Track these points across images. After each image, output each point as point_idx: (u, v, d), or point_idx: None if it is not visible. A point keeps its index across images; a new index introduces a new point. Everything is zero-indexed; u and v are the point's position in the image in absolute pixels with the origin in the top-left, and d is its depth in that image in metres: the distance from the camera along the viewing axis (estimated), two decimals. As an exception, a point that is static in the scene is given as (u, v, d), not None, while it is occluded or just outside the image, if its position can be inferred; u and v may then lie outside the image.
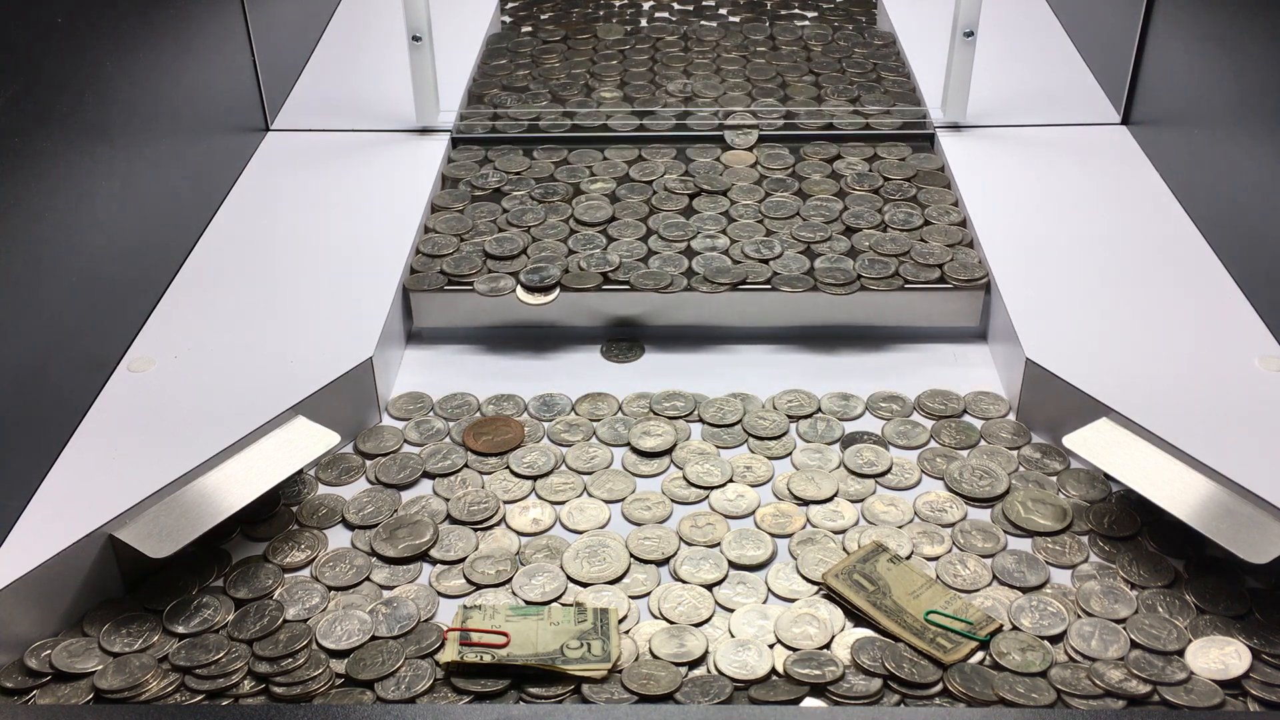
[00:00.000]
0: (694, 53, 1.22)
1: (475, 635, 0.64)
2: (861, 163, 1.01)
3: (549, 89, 1.14)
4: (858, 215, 0.94)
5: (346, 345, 0.80)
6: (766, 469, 0.76)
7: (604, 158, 1.03)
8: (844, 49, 1.22)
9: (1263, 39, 0.84)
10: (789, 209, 0.95)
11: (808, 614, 0.66)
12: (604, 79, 1.16)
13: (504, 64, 1.20)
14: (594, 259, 0.89)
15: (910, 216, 0.94)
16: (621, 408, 0.81)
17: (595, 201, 0.96)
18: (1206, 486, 0.68)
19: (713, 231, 0.92)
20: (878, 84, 1.14)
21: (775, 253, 0.90)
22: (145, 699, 0.62)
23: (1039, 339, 0.80)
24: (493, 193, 0.98)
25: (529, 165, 1.01)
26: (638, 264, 0.89)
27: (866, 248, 0.90)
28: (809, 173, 1.00)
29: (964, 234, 0.92)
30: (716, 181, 0.99)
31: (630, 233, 0.93)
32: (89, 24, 0.78)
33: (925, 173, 1.00)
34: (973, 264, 0.88)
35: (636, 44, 1.24)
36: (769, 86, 1.14)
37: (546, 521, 0.72)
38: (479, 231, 0.93)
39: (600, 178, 1.00)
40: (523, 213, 0.95)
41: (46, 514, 0.67)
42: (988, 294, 0.87)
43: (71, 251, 0.75)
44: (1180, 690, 0.61)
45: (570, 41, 1.25)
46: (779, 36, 1.25)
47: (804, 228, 0.92)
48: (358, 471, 0.76)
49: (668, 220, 0.94)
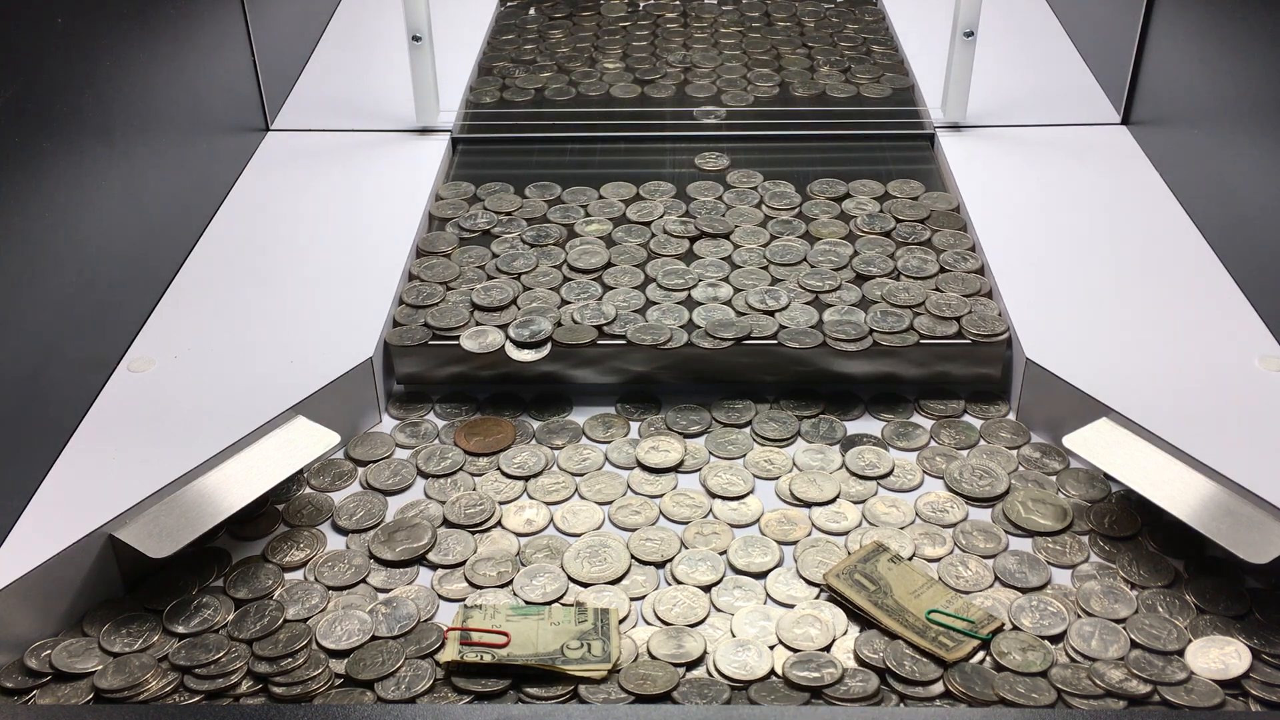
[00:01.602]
0: (693, 28, 1.28)
1: (475, 635, 0.64)
2: (872, 202, 0.96)
3: (555, 60, 1.20)
4: (869, 261, 0.88)
5: (346, 345, 0.80)
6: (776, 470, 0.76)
7: (600, 196, 0.98)
8: (836, 25, 1.29)
9: (1263, 39, 0.84)
10: (796, 254, 0.90)
11: (810, 615, 0.66)
12: (607, 52, 1.22)
13: (512, 39, 1.26)
14: (588, 310, 0.84)
15: (925, 264, 0.88)
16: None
17: (590, 245, 0.91)
18: (1206, 486, 0.68)
19: (714, 279, 0.87)
20: (867, 56, 1.20)
21: (781, 304, 0.84)
22: (145, 699, 0.62)
23: (1039, 339, 0.80)
24: (482, 234, 0.93)
25: (520, 205, 0.97)
26: (635, 316, 0.83)
27: (879, 297, 0.85)
28: (816, 213, 0.95)
29: (982, 283, 0.86)
30: (718, 224, 0.93)
31: (627, 280, 0.87)
32: (89, 24, 0.78)
33: (940, 214, 0.94)
34: (992, 317, 0.82)
35: (638, 20, 1.31)
36: (764, 58, 1.19)
37: (540, 522, 0.72)
38: (466, 279, 0.88)
39: (595, 219, 0.95)
40: (513, 258, 0.89)
41: (46, 514, 0.67)
42: (1009, 349, 0.81)
43: (71, 251, 0.75)
44: (1180, 690, 0.61)
45: (575, 18, 1.31)
46: (774, 14, 1.32)
47: (812, 275, 0.87)
48: (349, 477, 0.76)
49: (667, 267, 0.88)
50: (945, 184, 1.00)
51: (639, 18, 1.31)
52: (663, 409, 0.81)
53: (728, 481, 0.75)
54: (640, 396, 0.82)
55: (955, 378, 0.82)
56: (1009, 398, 0.82)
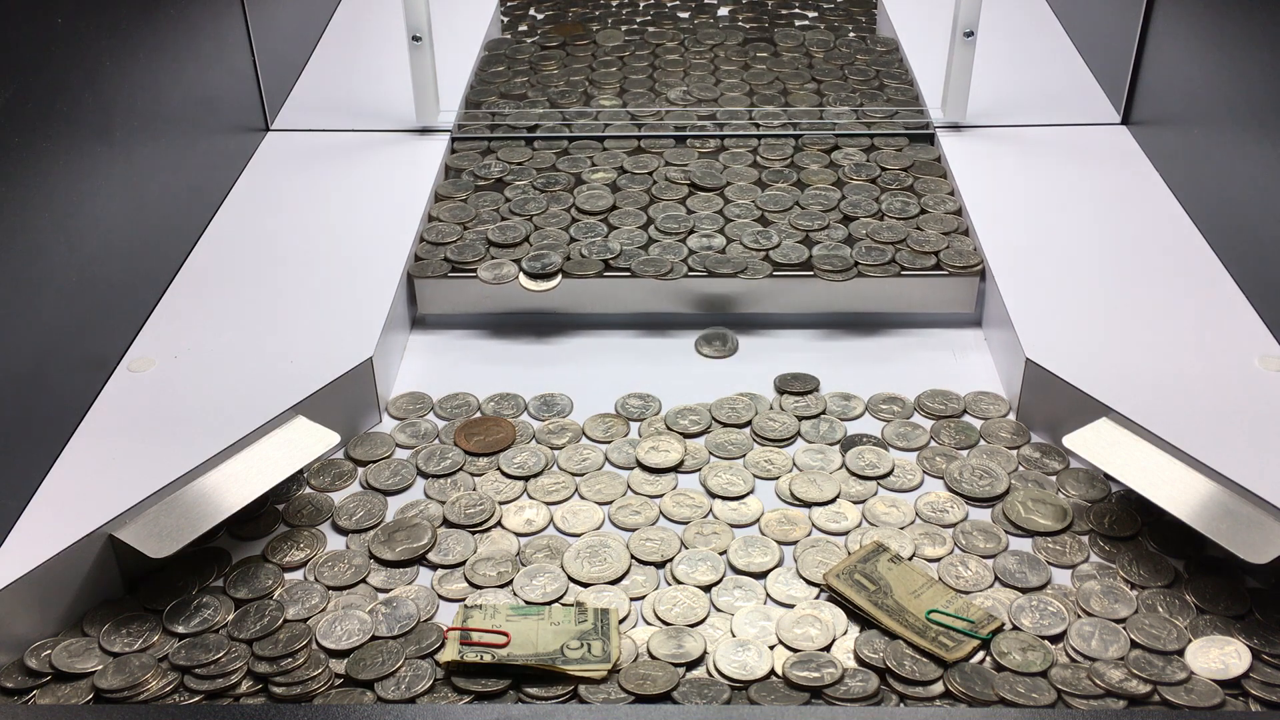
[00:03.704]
0: (692, 54, 1.22)
1: (475, 635, 0.64)
2: (859, 153, 1.03)
3: (547, 96, 1.13)
4: (855, 204, 0.95)
5: (346, 345, 0.80)
6: (775, 470, 0.76)
7: (604, 148, 1.04)
8: (846, 55, 1.22)
9: (1263, 39, 0.84)
10: (787, 201, 0.96)
11: (810, 615, 0.66)
12: (603, 86, 1.16)
13: (502, 70, 1.20)
14: (595, 246, 0.90)
15: (907, 205, 0.95)
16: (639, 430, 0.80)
17: (596, 191, 0.98)
18: (1206, 486, 0.68)
19: (709, 231, 0.93)
20: (880, 91, 1.14)
21: (773, 242, 0.91)
22: (145, 699, 0.62)
23: (1039, 339, 0.80)
24: (495, 182, 1.00)
25: (530, 156, 1.03)
26: (638, 251, 0.90)
27: (864, 235, 0.92)
28: (807, 163, 1.02)
29: (959, 222, 0.93)
30: (714, 179, 0.99)
31: (631, 221, 0.94)
32: (89, 24, 0.78)
33: (922, 163, 1.01)
34: (968, 251, 0.90)
35: (635, 50, 1.24)
36: (769, 94, 1.13)
37: (540, 522, 0.72)
38: (482, 220, 0.94)
39: (601, 168, 1.01)
40: (525, 202, 0.96)
41: (46, 514, 0.67)
42: (983, 280, 0.88)
43: (71, 251, 0.75)
44: (1180, 690, 0.61)
45: (569, 48, 1.24)
46: (780, 42, 1.24)
47: (802, 215, 0.94)
48: (349, 477, 0.76)
49: (667, 213, 0.95)
50: (941, 174, 1.00)
51: (636, 48, 1.24)
52: (662, 409, 0.81)
53: (727, 481, 0.75)
54: (638, 395, 0.83)
55: (933, 306, 0.89)
56: (1006, 393, 0.82)
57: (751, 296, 0.89)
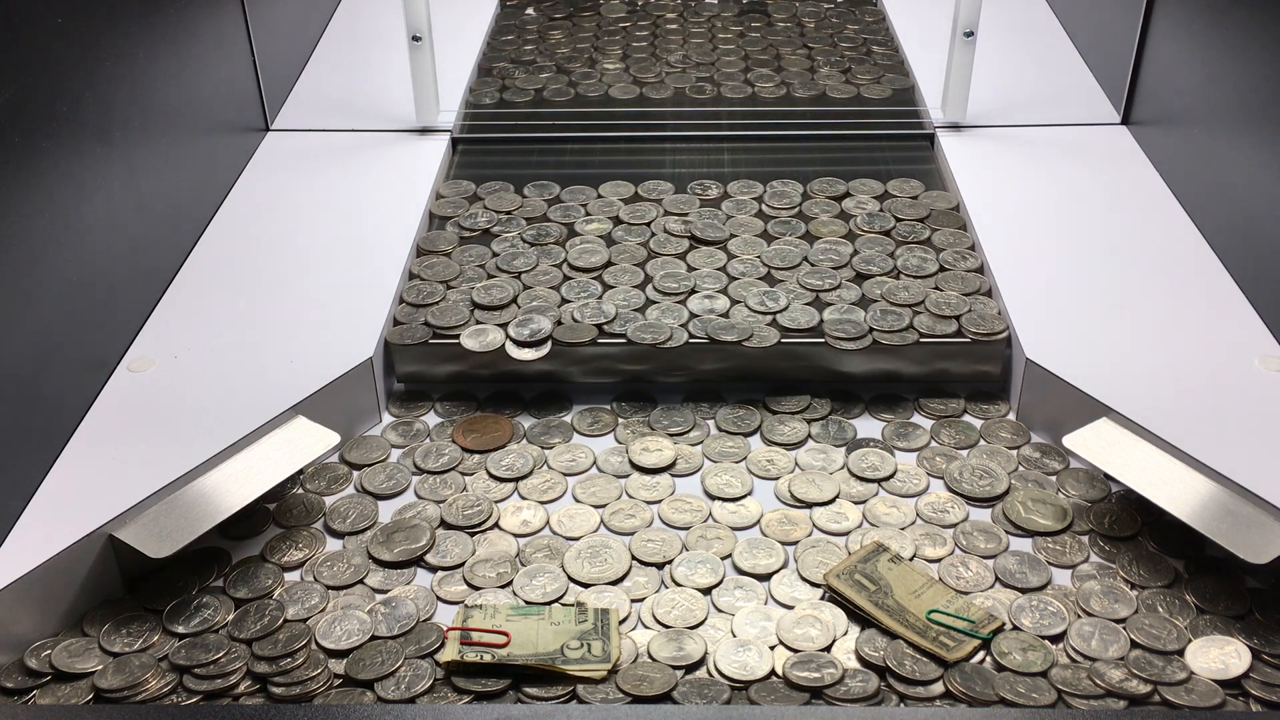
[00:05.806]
0: (690, 24, 1.30)
1: (475, 635, 0.64)
2: (872, 201, 0.96)
3: (555, 61, 1.21)
4: (869, 260, 0.88)
5: (346, 345, 0.80)
6: (777, 471, 0.76)
7: (599, 196, 0.98)
8: (836, 25, 1.29)
9: (1263, 39, 0.84)
10: (795, 257, 0.89)
11: (811, 615, 0.66)
12: (607, 52, 1.23)
13: (511, 39, 1.27)
14: (588, 309, 0.83)
15: (924, 262, 0.88)
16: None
17: (590, 244, 0.91)
18: (1206, 487, 0.68)
19: (711, 290, 0.85)
20: (868, 57, 1.21)
21: (781, 305, 0.84)
22: (145, 699, 0.62)
23: (1039, 339, 0.80)
24: (482, 234, 0.93)
25: (520, 204, 0.97)
26: (635, 315, 0.83)
27: (879, 296, 0.85)
28: (816, 212, 0.95)
29: (982, 281, 0.86)
30: (717, 231, 0.92)
31: (627, 279, 0.87)
32: (89, 24, 0.78)
33: (939, 213, 0.94)
34: (991, 316, 0.82)
35: (638, 21, 1.32)
36: (764, 58, 1.20)
37: (537, 523, 0.72)
38: (467, 278, 0.87)
39: (595, 218, 0.95)
40: (513, 257, 0.89)
41: (46, 514, 0.67)
42: (1008, 348, 0.82)
43: (71, 251, 0.75)
44: (1180, 690, 0.61)
45: (574, 19, 1.32)
46: (774, 15, 1.33)
47: (812, 274, 0.87)
48: (345, 481, 0.76)
49: (665, 270, 0.87)
50: (945, 184, 1.00)
51: (638, 18, 1.32)
52: (655, 407, 0.81)
53: (725, 483, 0.75)
54: (636, 395, 0.82)
55: (955, 376, 0.82)
56: (1009, 397, 0.82)
57: (756, 366, 0.82)
